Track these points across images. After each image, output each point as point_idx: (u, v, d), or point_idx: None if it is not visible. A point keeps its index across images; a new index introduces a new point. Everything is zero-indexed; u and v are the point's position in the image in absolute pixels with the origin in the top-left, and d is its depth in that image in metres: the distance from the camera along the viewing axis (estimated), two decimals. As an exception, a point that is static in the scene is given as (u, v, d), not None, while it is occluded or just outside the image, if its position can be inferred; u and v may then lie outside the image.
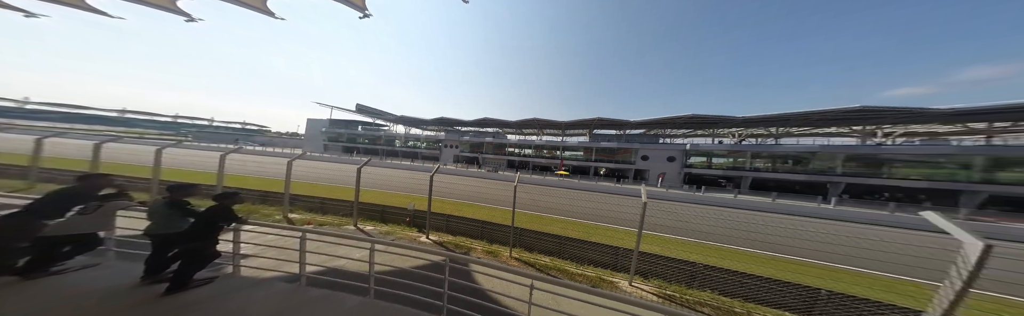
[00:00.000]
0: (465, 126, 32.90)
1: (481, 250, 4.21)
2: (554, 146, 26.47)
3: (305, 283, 2.02)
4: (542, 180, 17.69)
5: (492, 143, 28.86)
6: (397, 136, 33.93)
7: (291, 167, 5.16)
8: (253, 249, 2.88)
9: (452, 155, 30.04)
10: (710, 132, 24.26)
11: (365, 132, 34.24)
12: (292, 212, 5.49)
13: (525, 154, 28.12)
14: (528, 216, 6.86)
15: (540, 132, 30.39)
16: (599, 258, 3.96)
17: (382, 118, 34.33)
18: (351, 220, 5.13)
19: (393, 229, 4.97)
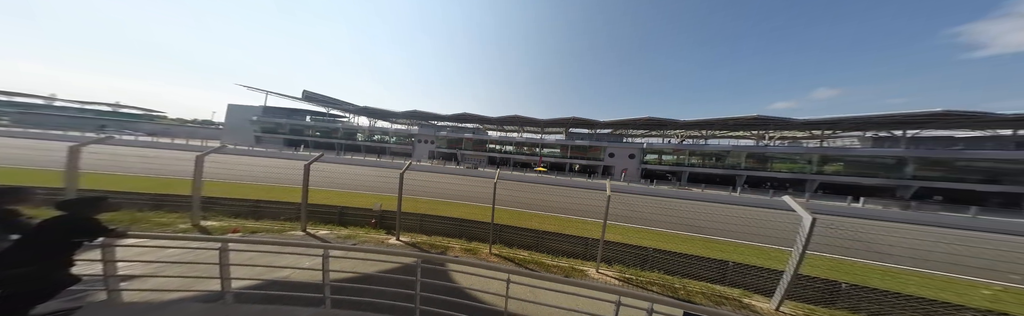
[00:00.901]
0: (442, 120, 31.05)
1: (459, 248, 4.06)
2: (534, 143, 27.12)
3: (232, 300, 1.65)
4: (522, 176, 17.96)
5: (472, 139, 28.11)
6: (360, 129, 30.41)
7: (201, 164, 3.97)
8: (144, 268, 2.19)
9: (427, 151, 28.32)
10: (662, 133, 27.96)
11: (316, 123, 30.04)
12: (206, 219, 4.36)
13: (506, 151, 28.03)
14: (508, 212, 6.92)
15: (521, 129, 30.72)
16: (572, 249, 4.18)
17: (339, 108, 30.07)
18: (299, 224, 4.35)
19: (355, 232, 4.40)
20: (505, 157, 27.29)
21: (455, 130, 31.21)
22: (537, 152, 26.88)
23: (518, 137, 29.39)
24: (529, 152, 27.37)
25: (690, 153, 23.36)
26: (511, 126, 30.22)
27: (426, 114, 27.98)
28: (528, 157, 26.86)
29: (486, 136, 29.80)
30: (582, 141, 25.27)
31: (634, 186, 16.89)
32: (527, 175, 18.53)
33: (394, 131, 30.43)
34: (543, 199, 8.78)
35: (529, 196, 9.16)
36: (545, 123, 25.07)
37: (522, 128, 30.26)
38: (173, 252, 2.46)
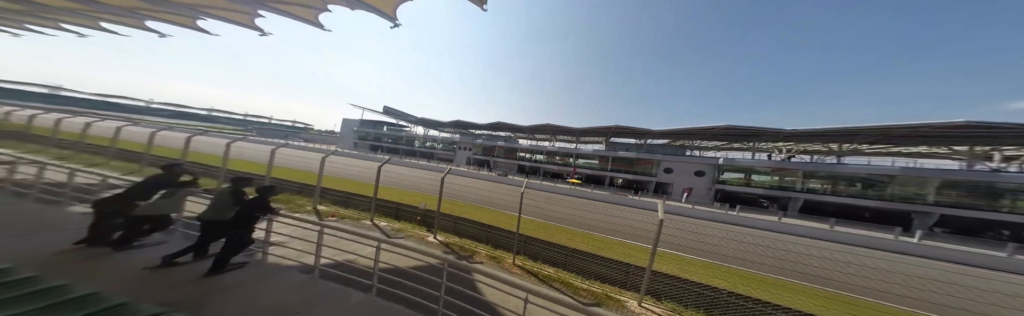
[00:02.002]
0: (479, 129, 33.26)
1: (485, 254, 4.15)
2: (567, 153, 25.28)
3: (318, 276, 2.12)
4: (552, 187, 17.15)
5: (504, 147, 28.88)
6: (416, 137, 34.77)
7: (323, 163, 5.58)
8: (280, 238, 3.07)
9: (465, 157, 30.67)
10: (749, 145, 20.94)
11: (389, 132, 36.15)
12: (321, 204, 5.93)
13: (537, 160, 27.19)
14: (535, 224, 6.67)
15: (553, 138, 29.77)
16: (608, 274, 3.69)
17: (404, 119, 36.19)
18: (369, 215, 5.38)
19: (404, 227, 5.12)
20: (535, 166, 26.46)
21: (489, 138, 32.56)
22: (570, 162, 24.93)
23: (550, 146, 28.23)
24: (561, 162, 25.67)
25: (807, 174, 16.06)
26: (542, 134, 29.59)
27: (466, 123, 30.65)
28: (560, 167, 25.17)
29: (517, 144, 29.78)
30: (628, 153, 22.11)
31: (702, 210, 13.26)
32: (558, 186, 17.44)
33: (441, 139, 34.37)
34: (576, 214, 8.08)
35: (560, 209, 8.57)
36: (581, 132, 23.24)
37: (554, 137, 29.15)
38: (294, 229, 3.33)
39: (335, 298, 1.84)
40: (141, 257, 2.01)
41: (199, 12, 5.98)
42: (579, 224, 7.30)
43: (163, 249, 2.12)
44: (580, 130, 22.77)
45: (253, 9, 5.39)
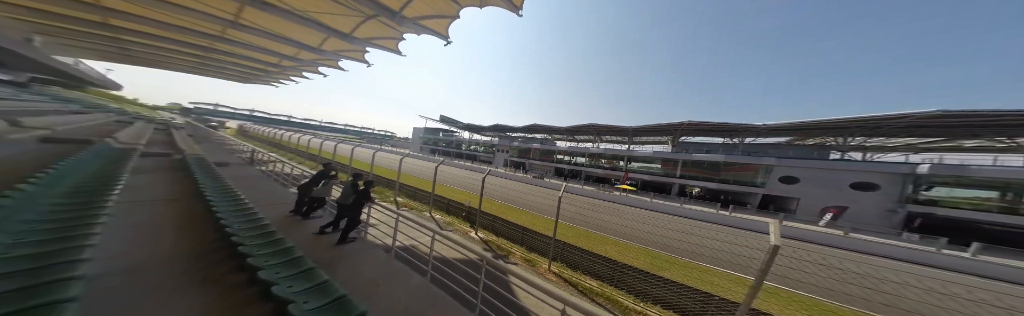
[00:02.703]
0: (516, 132, 33.71)
1: (519, 256, 4.16)
2: (616, 155, 21.33)
3: (393, 256, 2.63)
4: (595, 193, 15.07)
5: (539, 149, 27.85)
6: (463, 141, 38.49)
7: (401, 164, 7.05)
8: (372, 221, 3.95)
9: (502, 159, 31.44)
10: (983, 144, 11.31)
11: (443, 137, 42.09)
12: (399, 196, 7.55)
13: (577, 163, 24.72)
14: (574, 231, 6.20)
15: (597, 139, 26.39)
16: (676, 301, 3.04)
17: (454, 126, 40.38)
18: (428, 208, 6.42)
19: (452, 221, 5.79)
20: (575, 169, 23.89)
21: (525, 141, 32.34)
22: (621, 166, 21.02)
23: (593, 148, 24.75)
24: (609, 165, 22.34)
25: None
26: (584, 135, 26.66)
27: (504, 127, 31.43)
28: (607, 171, 21.70)
29: (553, 146, 28.22)
30: (712, 155, 15.92)
31: (878, 243, 7.70)
32: (602, 193, 14.93)
33: (483, 142, 36.76)
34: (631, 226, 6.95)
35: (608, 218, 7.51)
36: (635, 131, 19.13)
37: (599, 138, 25.82)
38: (380, 215, 4.49)
39: (401, 277, 2.25)
40: (312, 225, 3.14)
41: (339, 56, 9.27)
42: (634, 237, 6.34)
43: (318, 222, 3.22)
44: (634, 129, 18.73)
45: (363, 47, 7.85)
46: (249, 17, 6.86)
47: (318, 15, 6.43)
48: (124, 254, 1.87)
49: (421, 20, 6.00)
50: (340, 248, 2.69)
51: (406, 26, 6.05)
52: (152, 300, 1.47)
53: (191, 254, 2.03)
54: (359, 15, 6.31)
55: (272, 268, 1.78)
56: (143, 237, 2.22)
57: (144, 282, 1.60)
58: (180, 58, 11.64)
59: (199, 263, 1.90)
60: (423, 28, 6.15)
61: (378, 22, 6.56)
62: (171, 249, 2.06)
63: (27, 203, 2.01)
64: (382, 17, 5.98)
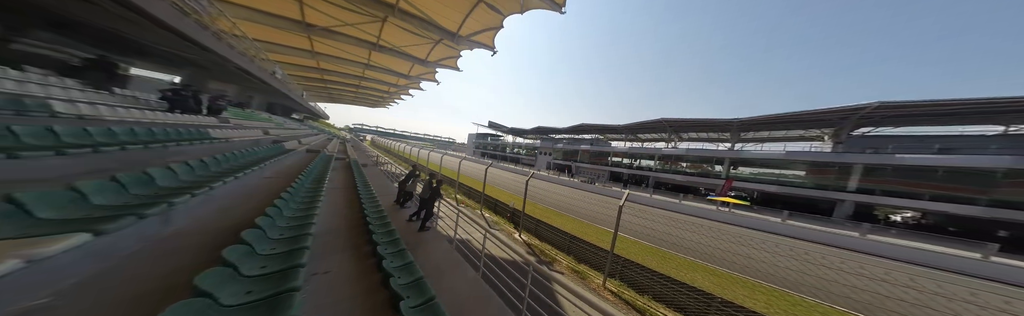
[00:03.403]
0: (560, 133, 32.34)
1: (566, 266, 4.00)
2: (709, 158, 15.83)
3: (455, 247, 3.02)
4: (674, 205, 11.66)
5: (589, 151, 25.02)
6: (507, 144, 41.95)
7: (460, 165, 8.47)
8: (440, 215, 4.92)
9: (545, 162, 30.64)
10: None
11: (491, 141, 44.40)
12: (458, 194, 8.99)
13: (642, 166, 20.66)
14: (641, 247, 5.32)
15: (674, 137, 20.83)
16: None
17: (499, 130, 43.76)
18: (479, 206, 7.33)
19: (499, 220, 6.25)
20: (638, 174, 19.56)
21: (571, 142, 30.24)
22: (718, 171, 15.42)
23: (668, 148, 19.91)
24: (695, 170, 17.02)
25: None
26: (652, 133, 22.20)
27: (547, 128, 30.94)
28: (691, 178, 16.51)
29: (608, 147, 24.76)
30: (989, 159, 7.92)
31: None
32: (686, 203, 11.30)
33: (525, 145, 37.59)
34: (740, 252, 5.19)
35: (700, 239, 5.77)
36: (742, 125, 13.44)
37: (676, 136, 20.63)
38: (446, 210, 5.40)
39: (460, 269, 2.51)
40: (404, 214, 4.06)
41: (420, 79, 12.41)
42: (752, 269, 4.66)
43: (408, 211, 4.16)
44: (742, 122, 12.95)
45: (434, 68, 10.42)
46: (375, 59, 10.08)
47: (407, 48, 9.24)
48: (323, 222, 2.93)
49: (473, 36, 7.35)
50: (419, 234, 3.30)
51: (462, 44, 7.55)
52: (327, 255, 2.23)
53: (348, 226, 2.98)
54: (430, 42, 8.48)
55: (383, 245, 2.40)
56: (331, 211, 3.49)
57: (326, 242, 2.45)
58: (347, 94, 19.63)
59: (350, 233, 2.78)
60: (475, 43, 7.44)
61: (443, 45, 8.60)
62: (340, 222, 3.12)
63: (300, 187, 3.67)
64: (446, 40, 7.73)
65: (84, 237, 1.19)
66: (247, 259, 1.57)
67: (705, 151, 16.56)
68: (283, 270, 1.53)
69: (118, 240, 1.46)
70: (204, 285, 1.18)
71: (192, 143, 3.49)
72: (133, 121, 3.44)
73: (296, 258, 1.69)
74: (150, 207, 1.63)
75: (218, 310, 1.12)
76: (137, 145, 2.62)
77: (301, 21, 7.77)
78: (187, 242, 1.81)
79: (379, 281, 1.88)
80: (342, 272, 1.99)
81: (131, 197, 1.82)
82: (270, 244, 1.90)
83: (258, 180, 3.80)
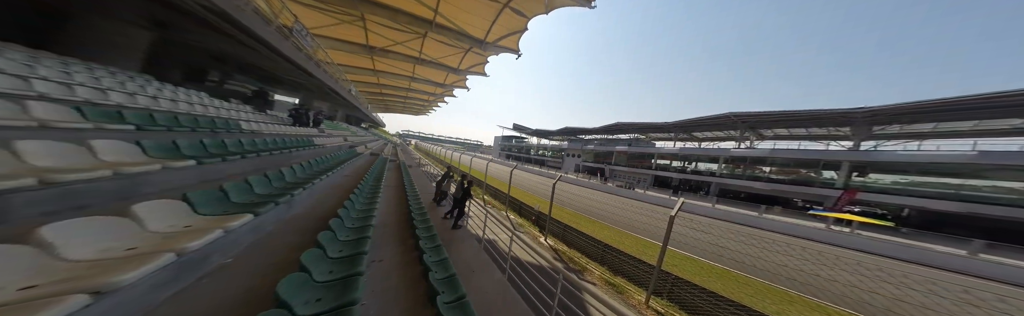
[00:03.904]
0: (591, 134, 29.78)
1: (598, 276, 3.69)
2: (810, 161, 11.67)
3: (483, 247, 3.15)
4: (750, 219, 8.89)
5: (626, 152, 22.04)
6: (532, 146, 41.94)
7: (487, 167, 8.87)
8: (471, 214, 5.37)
9: (573, 164, 28.88)
10: None
11: (515, 144, 47.51)
12: (486, 195, 9.45)
13: (700, 170, 17.02)
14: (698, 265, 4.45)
15: (751, 135, 16.58)
16: None
17: (524, 132, 43.78)
18: (505, 208, 7.47)
19: (523, 223, 6.18)
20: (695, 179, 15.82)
21: (603, 143, 27.42)
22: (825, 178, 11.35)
23: (740, 148, 15.57)
24: (786, 176, 12.88)
25: None
26: (713, 132, 17.85)
27: (575, 129, 28.88)
28: (778, 185, 12.34)
29: (651, 148, 21.23)
30: None
31: None
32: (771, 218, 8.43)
33: (550, 146, 36.58)
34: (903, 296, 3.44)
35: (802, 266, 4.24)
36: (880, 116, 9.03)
37: (754, 133, 16.21)
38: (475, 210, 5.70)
39: (488, 270, 2.58)
40: (441, 211, 4.49)
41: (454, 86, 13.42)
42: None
43: (443, 209, 4.58)
44: (873, 112, 8.35)
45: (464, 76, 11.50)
46: (418, 71, 11.72)
47: (442, 59, 10.34)
48: (380, 215, 3.56)
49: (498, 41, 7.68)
50: (452, 232, 3.56)
51: (489, 50, 7.99)
52: (382, 244, 2.65)
53: (396, 221, 3.48)
54: (461, 51, 9.30)
55: (423, 239, 2.70)
56: (385, 207, 4.16)
57: (382, 233, 2.93)
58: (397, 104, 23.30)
59: (399, 227, 3.24)
60: (501, 48, 7.78)
61: (472, 53, 9.28)
62: (392, 216, 3.68)
63: (365, 185, 4.64)
64: (475, 48, 8.31)
65: (250, 217, 1.74)
66: (331, 243, 2.01)
67: (809, 152, 12.10)
68: (352, 255, 1.88)
69: (265, 220, 2.09)
70: (306, 262, 1.56)
71: (303, 149, 4.76)
72: (276, 134, 4.93)
73: (362, 246, 2.05)
74: (280, 197, 2.28)
75: (312, 285, 1.46)
76: (277, 151, 3.75)
77: (366, 45, 9.68)
78: (297, 225, 2.45)
79: (420, 273, 2.09)
80: (392, 261, 2.32)
81: (273, 189, 2.61)
82: (345, 232, 2.38)
83: (340, 178, 4.87)
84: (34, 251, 0.96)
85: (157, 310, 1.11)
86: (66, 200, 1.38)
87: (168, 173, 1.96)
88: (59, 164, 1.51)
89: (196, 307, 1.21)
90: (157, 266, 1.06)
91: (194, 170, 2.24)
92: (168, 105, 3.49)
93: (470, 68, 11.28)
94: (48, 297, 0.79)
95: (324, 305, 1.27)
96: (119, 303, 0.97)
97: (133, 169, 1.68)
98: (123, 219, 1.29)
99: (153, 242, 1.27)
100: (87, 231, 1.13)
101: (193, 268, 1.40)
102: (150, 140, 2.17)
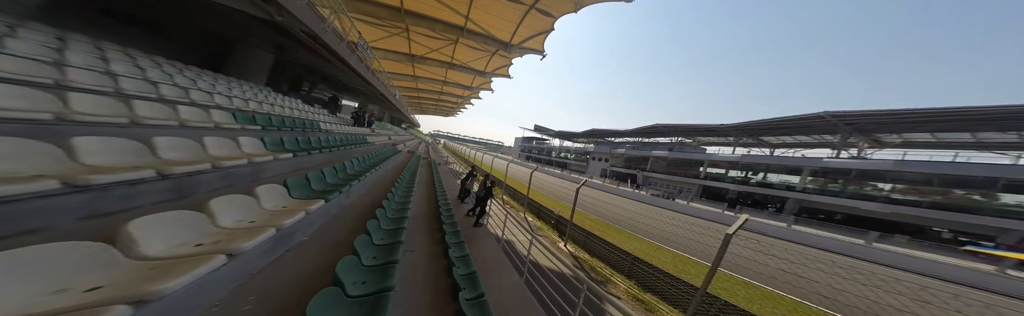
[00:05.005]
0: (621, 136, 27.25)
1: (625, 291, 3.45)
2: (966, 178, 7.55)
3: (501, 247, 3.22)
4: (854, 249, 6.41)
5: (666, 158, 19.38)
6: (554, 148, 40.72)
7: (507, 168, 9.03)
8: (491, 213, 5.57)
9: (599, 169, 27.05)
10: None
11: (536, 145, 46.99)
12: (505, 195, 9.61)
13: (769, 182, 13.25)
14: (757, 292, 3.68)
15: (861, 141, 11.92)
16: None
17: (545, 133, 42.92)
18: (523, 209, 7.45)
19: (541, 226, 6.11)
20: (761, 193, 12.35)
21: (636, 146, 24.76)
22: (989, 203, 7.22)
23: (838, 157, 11.49)
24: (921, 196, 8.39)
25: None
26: (795, 136, 13.89)
27: (603, 131, 26.84)
28: (905, 208, 8.32)
29: (700, 154, 18.12)
30: None
31: None
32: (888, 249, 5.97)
33: (574, 149, 34.81)
34: None
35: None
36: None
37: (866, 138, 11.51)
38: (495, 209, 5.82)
39: (506, 270, 2.59)
40: (464, 209, 4.73)
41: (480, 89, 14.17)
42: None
43: (467, 206, 4.80)
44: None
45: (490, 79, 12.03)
46: (449, 76, 12.85)
47: (470, 63, 10.97)
48: (414, 207, 4.06)
49: (523, 43, 7.68)
50: (474, 230, 3.70)
51: (514, 52, 8.07)
52: (414, 235, 2.91)
53: (427, 212, 3.83)
54: (487, 54, 9.65)
55: (449, 234, 2.87)
56: (418, 201, 4.65)
57: (415, 224, 3.23)
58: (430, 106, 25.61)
59: (428, 219, 3.55)
60: (525, 50, 7.79)
61: (498, 56, 9.55)
62: (422, 209, 4.06)
63: (403, 180, 5.20)
64: (500, 51, 8.52)
65: (321, 203, 2.14)
66: (375, 231, 2.31)
67: (974, 166, 7.94)
68: (391, 244, 2.12)
69: (331, 206, 2.54)
70: (358, 246, 1.82)
71: (359, 146, 5.64)
72: (343, 133, 5.98)
73: (399, 236, 2.30)
74: (343, 187, 2.74)
75: (361, 269, 1.69)
76: (342, 147, 4.54)
77: (409, 53, 11.09)
78: (352, 211, 2.90)
79: (445, 267, 2.23)
80: (421, 253, 2.53)
81: (338, 179, 3.16)
82: (386, 222, 2.71)
83: (384, 172, 5.60)
84: (205, 218, 1.38)
85: (258, 274, 1.40)
86: (226, 180, 1.98)
87: (277, 163, 2.58)
88: (223, 153, 2.15)
89: (284, 275, 1.49)
90: (265, 237, 1.37)
91: (291, 161, 2.86)
92: (278, 110, 4.56)
93: (495, 70, 11.74)
94: (208, 253, 1.10)
95: (368, 288, 1.43)
96: (240, 264, 1.29)
97: (259, 159, 2.26)
98: (250, 198, 1.73)
99: (265, 218, 1.67)
100: (232, 206, 1.57)
101: (285, 241, 1.79)
102: (268, 137, 2.90)
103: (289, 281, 1.45)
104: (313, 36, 4.40)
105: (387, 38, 9.81)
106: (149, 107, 2.17)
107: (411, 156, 10.01)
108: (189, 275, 0.89)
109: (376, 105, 15.81)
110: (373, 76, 8.48)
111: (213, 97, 3.33)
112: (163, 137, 1.74)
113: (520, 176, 12.27)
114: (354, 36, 6.38)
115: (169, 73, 3.44)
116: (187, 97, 2.89)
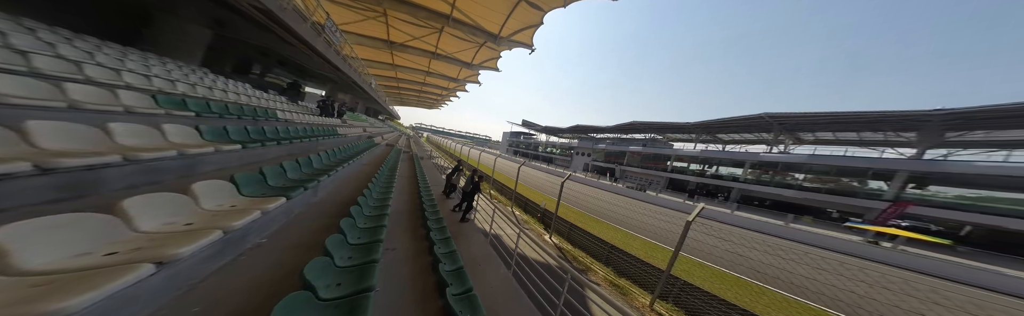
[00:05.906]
0: (603, 132, 28.82)
1: (602, 277, 3.70)
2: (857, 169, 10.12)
3: (489, 242, 3.21)
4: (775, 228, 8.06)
5: (640, 153, 21.13)
6: (540, 143, 41.14)
7: (494, 162, 8.98)
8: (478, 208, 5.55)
9: (582, 163, 28.25)
10: None
11: (524, 140, 47.24)
12: (492, 190, 9.58)
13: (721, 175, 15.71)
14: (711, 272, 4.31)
15: (786, 138, 14.71)
16: None
17: (533, 129, 43.16)
18: (510, 203, 7.56)
19: (528, 219, 6.28)
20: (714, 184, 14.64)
21: (616, 142, 26.38)
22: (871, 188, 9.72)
23: (772, 152, 14.09)
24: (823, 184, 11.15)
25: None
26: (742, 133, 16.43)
27: (586, 127, 28.03)
28: (812, 194, 11.07)
29: (668, 149, 20.05)
30: None
31: None
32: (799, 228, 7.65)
33: (559, 144, 35.59)
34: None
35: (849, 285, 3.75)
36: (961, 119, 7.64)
37: (790, 136, 14.38)
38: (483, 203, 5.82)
39: (493, 264, 2.61)
40: (450, 204, 4.60)
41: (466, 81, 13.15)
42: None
43: (453, 201, 4.70)
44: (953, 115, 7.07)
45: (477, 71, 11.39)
46: (433, 66, 11.75)
47: (456, 54, 10.16)
48: (394, 204, 3.76)
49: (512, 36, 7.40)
50: (460, 225, 3.63)
51: (503, 45, 7.76)
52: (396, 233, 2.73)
53: (409, 209, 3.62)
54: (475, 45, 9.11)
55: (434, 231, 2.77)
56: (399, 196, 4.34)
57: (395, 221, 3.02)
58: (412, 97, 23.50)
59: (411, 216, 3.36)
60: (514, 43, 7.52)
61: (486, 48, 9.07)
62: (404, 205, 3.82)
63: (381, 175, 4.83)
64: (488, 43, 8.10)
65: (281, 201, 1.88)
66: (351, 230, 2.13)
67: (863, 159, 10.37)
68: (369, 243, 1.98)
69: (295, 204, 2.25)
70: (330, 247, 1.66)
71: (328, 138, 5.02)
72: (307, 123, 5.22)
73: (378, 234, 2.15)
74: (308, 182, 2.43)
75: (334, 270, 1.55)
76: (306, 139, 3.99)
77: (387, 40, 9.91)
78: (321, 209, 2.62)
79: (430, 264, 2.17)
80: (404, 251, 2.41)
81: (302, 174, 2.79)
82: (362, 219, 2.51)
83: (359, 166, 5.12)
84: (117, 221, 1.10)
85: (201, 284, 1.21)
86: (147, 175, 1.60)
87: (219, 155, 2.16)
88: (139, 143, 1.70)
89: (235, 282, 1.31)
90: (209, 241, 1.17)
91: (238, 153, 2.44)
92: (220, 95, 3.80)
93: (483, 63, 11.14)
94: (125, 264, 0.90)
95: (344, 290, 1.33)
96: (175, 273, 1.09)
97: (193, 150, 1.86)
98: (183, 196, 1.43)
99: (206, 219, 1.40)
100: (156, 205, 1.27)
101: (235, 245, 1.55)
102: (206, 125, 2.38)
103: (242, 289, 1.31)
104: (265, 12, 3.61)
105: (361, 21, 8.47)
106: (18, 82, 1.61)
107: (390, 149, 9.30)
108: (99, 291, 0.75)
109: (348, 94, 14.13)
110: (344, 62, 7.40)
111: (120, 75, 2.60)
112: (42, 121, 1.35)
113: (508, 171, 12.88)
114: (321, 17, 5.41)
115: (50, 42, 2.56)
116: (80, 73, 2.23)
